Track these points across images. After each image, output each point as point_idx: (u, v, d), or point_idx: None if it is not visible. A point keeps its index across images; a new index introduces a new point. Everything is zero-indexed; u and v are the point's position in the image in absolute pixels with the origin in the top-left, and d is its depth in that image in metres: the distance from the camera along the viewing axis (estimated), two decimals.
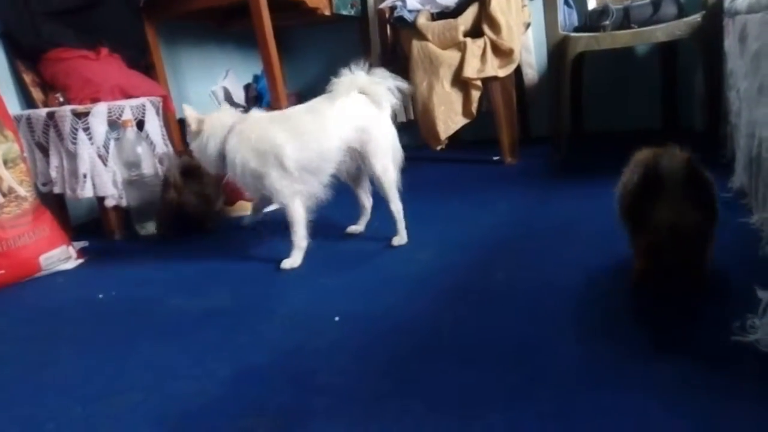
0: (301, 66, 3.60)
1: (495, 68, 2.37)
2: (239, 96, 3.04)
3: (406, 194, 2.24)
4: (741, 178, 1.61)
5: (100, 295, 1.51)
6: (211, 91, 2.92)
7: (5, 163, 1.71)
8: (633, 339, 0.97)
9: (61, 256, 1.79)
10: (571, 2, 2.63)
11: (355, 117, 1.61)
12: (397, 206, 1.63)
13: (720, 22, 1.95)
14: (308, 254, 1.67)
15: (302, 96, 3.48)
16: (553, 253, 1.43)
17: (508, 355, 0.98)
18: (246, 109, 2.89)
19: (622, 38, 2.23)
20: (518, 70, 2.75)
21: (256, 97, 3.09)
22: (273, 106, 2.50)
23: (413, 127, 2.89)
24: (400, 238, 1.63)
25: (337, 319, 1.19)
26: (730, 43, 1.76)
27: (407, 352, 1.04)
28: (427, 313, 1.18)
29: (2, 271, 1.64)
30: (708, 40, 2.06)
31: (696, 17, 2.10)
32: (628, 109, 2.92)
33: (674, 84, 2.69)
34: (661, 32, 2.16)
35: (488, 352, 1.00)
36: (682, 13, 2.28)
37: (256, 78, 3.11)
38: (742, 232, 1.36)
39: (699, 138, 2.47)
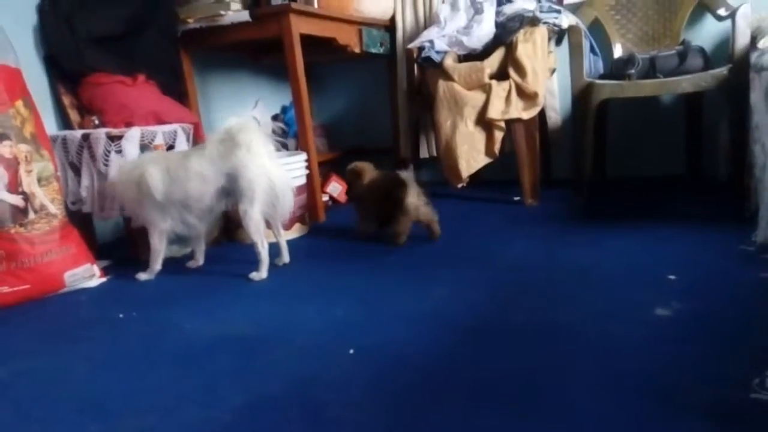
0: (329, 99, 3.68)
1: (519, 110, 2.40)
2: (267, 126, 3.10)
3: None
4: (765, 232, 1.59)
5: (121, 315, 1.54)
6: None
7: (39, 181, 1.76)
8: (652, 392, 0.96)
9: (85, 274, 1.82)
10: (597, 50, 2.67)
11: (221, 162, 1.75)
12: (258, 249, 1.77)
13: (746, 76, 1.96)
14: (327, 285, 1.69)
15: (328, 128, 3.56)
16: (572, 298, 1.42)
17: (521, 399, 0.97)
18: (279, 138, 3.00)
19: (647, 87, 2.25)
20: (542, 113, 2.78)
21: (283, 129, 3.16)
22: (300, 137, 2.55)
23: (435, 164, 2.92)
24: (258, 274, 1.77)
25: (351, 351, 1.20)
26: (756, 97, 1.76)
27: (419, 389, 1.04)
28: (441, 351, 1.18)
29: (28, 286, 1.68)
30: (734, 93, 2.07)
31: (722, 70, 2.12)
32: (651, 156, 2.92)
33: (699, 133, 2.69)
34: (687, 83, 2.18)
35: (501, 394, 0.99)
36: (707, 65, 2.30)
37: (284, 109, 3.18)
38: (764, 287, 1.35)
39: (722, 188, 2.46)
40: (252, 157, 1.69)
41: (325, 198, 2.82)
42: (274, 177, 1.71)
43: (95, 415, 1.03)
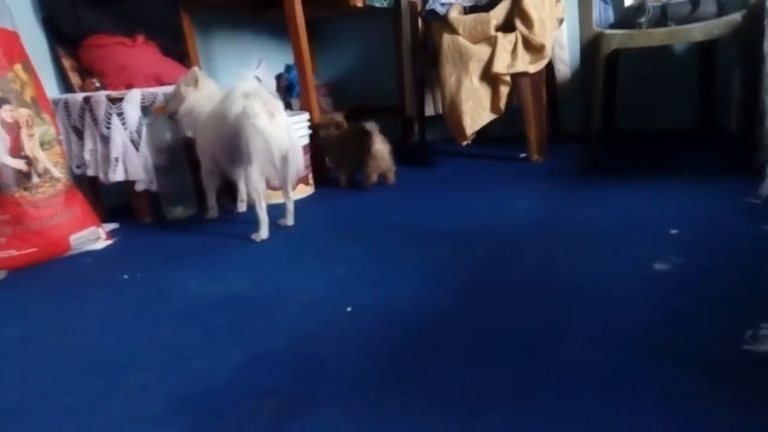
0: (333, 57, 3.62)
1: (525, 64, 2.35)
2: (271, 86, 3.08)
3: (428, 187, 2.26)
4: None
5: (125, 276, 1.57)
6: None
7: (41, 144, 1.77)
8: (643, 345, 0.96)
9: (91, 237, 1.85)
10: None
11: (223, 122, 1.79)
12: (256, 209, 1.77)
13: (761, 23, 1.88)
14: (329, 246, 1.70)
15: (333, 86, 3.51)
16: (571, 254, 1.42)
17: (516, 354, 0.98)
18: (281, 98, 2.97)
19: (657, 36, 2.18)
20: (550, 67, 2.71)
21: (288, 87, 3.13)
22: (302, 96, 2.53)
23: (440, 121, 2.88)
24: (258, 235, 1.78)
25: (349, 309, 1.21)
26: None
27: (415, 345, 1.05)
28: (439, 308, 1.19)
29: (34, 249, 1.71)
30: (747, 41, 1.99)
31: (736, 16, 2.04)
32: (662, 109, 2.86)
33: (712, 84, 2.62)
34: (699, 31, 2.10)
35: (496, 350, 1.00)
36: (722, 11, 2.21)
37: (288, 68, 3.14)
38: (765, 240, 1.33)
39: (733, 141, 2.41)
40: (249, 118, 1.68)
41: None
42: (272, 138, 1.70)
43: (98, 372, 1.06)
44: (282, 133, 1.72)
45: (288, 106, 3.03)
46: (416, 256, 1.51)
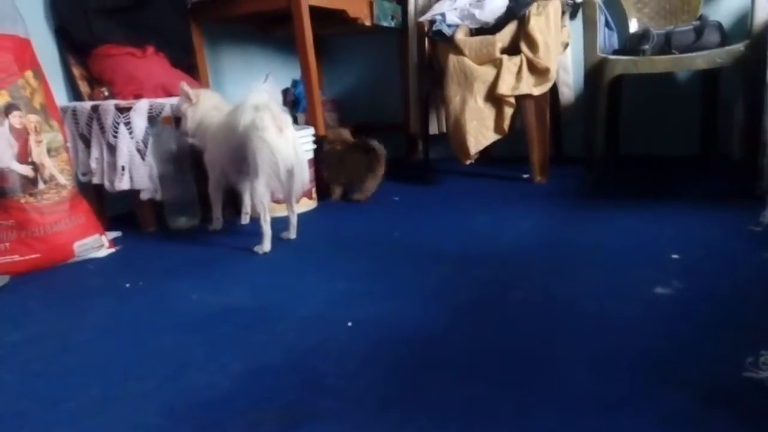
0: (339, 73, 3.66)
1: (530, 86, 2.37)
2: (277, 100, 3.10)
3: (431, 205, 2.28)
4: None
5: (127, 285, 1.57)
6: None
7: (49, 151, 1.78)
8: (644, 369, 0.96)
9: (94, 245, 1.86)
10: (612, 25, 2.62)
11: (231, 133, 1.80)
12: (260, 222, 1.77)
13: (764, 52, 1.92)
14: (330, 261, 1.70)
15: (338, 102, 3.55)
16: (572, 276, 1.42)
17: (517, 373, 0.98)
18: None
19: (660, 64, 2.20)
20: (554, 89, 2.75)
21: (294, 102, 3.16)
22: (309, 111, 2.55)
23: (443, 140, 2.90)
24: (261, 247, 1.78)
25: (350, 324, 1.22)
26: None
27: (415, 361, 1.05)
28: (440, 326, 1.19)
29: (38, 255, 1.72)
30: (750, 70, 2.02)
31: (739, 46, 2.07)
32: (664, 134, 2.88)
33: (714, 111, 2.64)
34: (702, 60, 2.13)
35: (497, 369, 1.00)
36: (725, 40, 2.25)
37: (295, 83, 3.17)
38: (766, 268, 1.33)
39: (735, 168, 2.43)
40: (257, 130, 1.70)
41: None
42: (279, 152, 1.71)
43: (98, 380, 1.06)
44: (289, 147, 1.74)
45: (294, 120, 3.05)
46: (417, 274, 1.52)
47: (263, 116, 1.70)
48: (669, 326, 1.10)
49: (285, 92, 3.14)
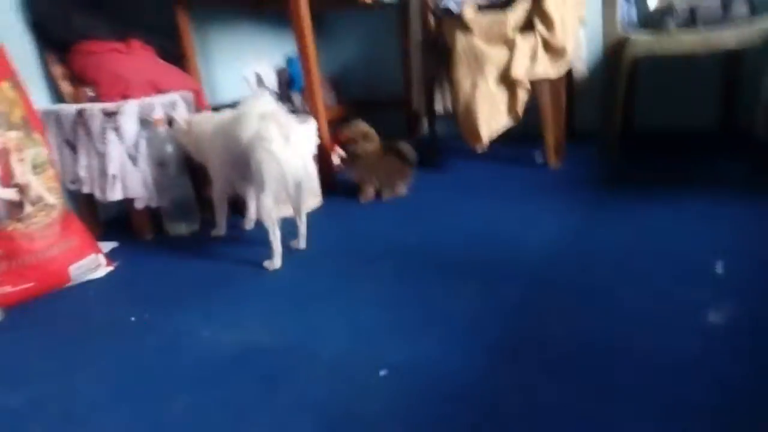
0: (335, 49, 3.47)
1: (546, 68, 2.22)
2: (271, 80, 2.93)
3: (442, 199, 2.16)
4: None
5: (132, 318, 1.46)
6: (243, 76, 2.81)
7: (34, 168, 1.64)
8: (711, 425, 0.87)
9: (91, 265, 1.73)
10: None
11: (233, 142, 1.68)
12: (270, 237, 1.66)
13: None
14: (346, 280, 1.58)
15: (335, 80, 3.36)
16: (611, 298, 1.30)
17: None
18: (279, 95, 2.81)
19: (688, 43, 2.06)
20: None
21: (289, 82, 2.98)
22: (307, 90, 2.38)
23: (450, 120, 2.75)
24: (272, 263, 1.67)
25: (382, 373, 1.11)
26: None
27: (459, 421, 0.96)
28: (478, 373, 1.09)
29: (32, 284, 1.59)
30: None
31: None
32: (681, 107, 2.75)
33: (736, 85, 2.51)
34: (732, 38, 1.98)
35: (543, 427, 0.91)
36: (754, 12, 2.10)
37: (289, 61, 2.99)
38: None
39: (760, 147, 2.31)
40: (263, 141, 1.56)
41: (336, 161, 2.68)
42: (286, 164, 1.57)
43: None
44: (297, 159, 1.60)
45: (289, 99, 2.88)
46: (441, 295, 1.41)
47: (269, 126, 1.56)
48: (731, 369, 1.00)
49: (280, 73, 2.96)
